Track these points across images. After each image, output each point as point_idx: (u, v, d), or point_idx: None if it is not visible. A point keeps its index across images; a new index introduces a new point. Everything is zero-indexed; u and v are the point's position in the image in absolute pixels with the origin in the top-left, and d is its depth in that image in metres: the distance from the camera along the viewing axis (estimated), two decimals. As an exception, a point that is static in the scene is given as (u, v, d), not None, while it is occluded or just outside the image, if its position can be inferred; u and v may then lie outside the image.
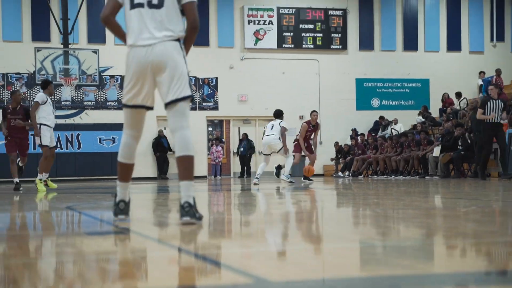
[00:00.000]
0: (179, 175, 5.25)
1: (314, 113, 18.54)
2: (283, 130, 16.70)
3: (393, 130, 27.84)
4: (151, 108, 5.43)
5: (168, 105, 5.24)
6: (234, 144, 30.68)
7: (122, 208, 5.35)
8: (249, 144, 28.81)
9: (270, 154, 17.04)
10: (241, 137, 29.50)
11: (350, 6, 31.21)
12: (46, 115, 13.96)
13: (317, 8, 30.72)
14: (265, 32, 29.50)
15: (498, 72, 28.13)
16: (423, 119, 27.57)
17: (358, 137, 28.38)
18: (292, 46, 30.40)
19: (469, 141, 21.48)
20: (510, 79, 29.84)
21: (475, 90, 30.56)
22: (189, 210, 5.03)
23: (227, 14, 29.58)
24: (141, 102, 5.30)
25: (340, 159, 28.41)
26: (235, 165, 30.44)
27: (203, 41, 28.14)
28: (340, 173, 27.47)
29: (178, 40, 5.30)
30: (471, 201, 8.50)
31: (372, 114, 30.69)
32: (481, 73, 30.60)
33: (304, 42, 30.60)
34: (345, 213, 7.53)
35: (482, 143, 16.79)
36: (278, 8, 30.13)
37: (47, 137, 13.98)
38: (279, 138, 16.63)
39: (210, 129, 30.50)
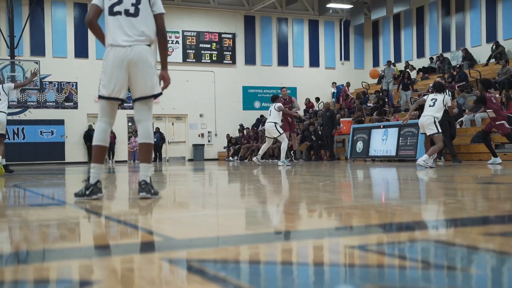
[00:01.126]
0: (139, 158, 5.06)
1: (283, 89, 17.26)
2: (279, 109, 15.40)
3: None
4: (123, 101, 4.98)
5: (139, 99, 4.99)
6: (149, 136, 30.38)
7: (100, 187, 4.84)
8: (160, 136, 28.63)
9: (272, 138, 15.85)
10: (154, 130, 29.23)
11: (238, 31, 31.38)
12: None
13: (213, 32, 30.77)
14: (173, 49, 29.25)
15: (348, 84, 28.93)
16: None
17: (244, 130, 28.62)
18: (194, 60, 30.31)
19: (320, 133, 22.22)
20: (354, 88, 30.66)
21: (329, 95, 31.33)
22: (145, 187, 4.86)
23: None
24: (116, 95, 4.88)
25: (231, 147, 28.60)
26: (150, 152, 30.12)
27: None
28: (230, 158, 27.64)
29: (149, 45, 4.98)
30: (326, 177, 8.72)
31: (255, 113, 30.95)
32: (333, 83, 31.40)
33: (203, 58, 30.61)
34: (235, 188, 7.59)
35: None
36: (183, 31, 29.98)
37: None
38: (275, 124, 15.29)
39: (130, 124, 30.04)
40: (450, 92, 16.01)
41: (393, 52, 31.58)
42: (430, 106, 11.71)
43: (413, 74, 27.19)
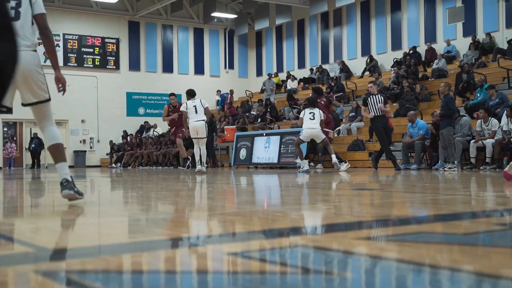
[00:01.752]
0: (54, 159, 4.87)
1: (172, 96, 16.05)
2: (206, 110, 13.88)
3: (154, 132, 27.95)
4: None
5: (31, 105, 4.78)
6: (26, 142, 29.22)
7: None
8: (39, 142, 27.51)
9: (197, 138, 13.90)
10: (32, 136, 28.14)
11: (122, 36, 30.84)
12: None
13: (96, 36, 30.01)
14: (54, 52, 28.28)
15: (231, 91, 29.24)
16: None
17: (128, 137, 28.17)
18: (76, 64, 29.41)
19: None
20: (238, 96, 31.01)
21: (214, 103, 31.43)
22: (67, 185, 4.72)
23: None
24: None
25: (114, 154, 28.03)
26: (27, 159, 28.99)
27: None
28: (113, 165, 27.10)
29: (35, 50, 4.68)
30: (211, 184, 8.75)
31: (139, 120, 30.54)
32: (218, 91, 31.57)
33: (85, 62, 29.78)
34: (117, 195, 7.44)
35: (377, 135, 14.25)
36: (64, 34, 29.03)
37: None
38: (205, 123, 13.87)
39: (5, 129, 28.70)
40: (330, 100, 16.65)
41: (275, 62, 32.23)
42: (310, 119, 12.72)
43: (294, 84, 27.93)
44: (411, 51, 23.91)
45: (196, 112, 13.67)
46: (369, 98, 13.96)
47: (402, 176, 10.59)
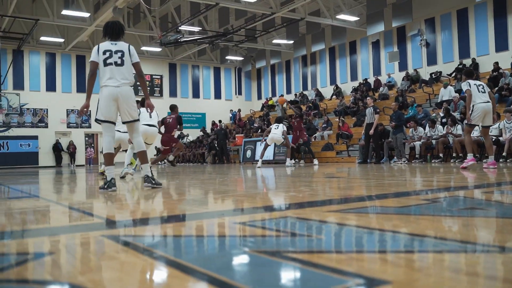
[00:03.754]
0: (141, 161, 5.22)
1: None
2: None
3: (187, 139, 27.62)
4: (113, 123, 5.01)
5: (127, 123, 5.11)
6: (100, 147, 28.96)
7: (114, 183, 4.82)
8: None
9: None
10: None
11: (164, 73, 30.76)
12: None
13: (146, 74, 29.76)
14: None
15: (239, 110, 29.26)
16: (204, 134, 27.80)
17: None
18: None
19: (215, 144, 22.07)
20: (245, 113, 30.96)
21: (228, 118, 31.36)
22: (147, 179, 5.03)
23: None
24: (109, 119, 4.95)
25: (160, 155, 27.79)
26: (101, 159, 28.72)
27: None
28: (159, 162, 26.82)
29: (131, 85, 5.00)
30: (224, 175, 8.65)
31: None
32: (231, 110, 31.50)
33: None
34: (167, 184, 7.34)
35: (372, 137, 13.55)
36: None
37: None
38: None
39: (86, 138, 28.49)
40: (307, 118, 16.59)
41: (270, 90, 32.15)
42: (275, 129, 13.21)
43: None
44: (364, 81, 23.89)
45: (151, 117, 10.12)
46: (367, 109, 13.87)
47: (365, 167, 10.57)
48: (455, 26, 20.58)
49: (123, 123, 5.10)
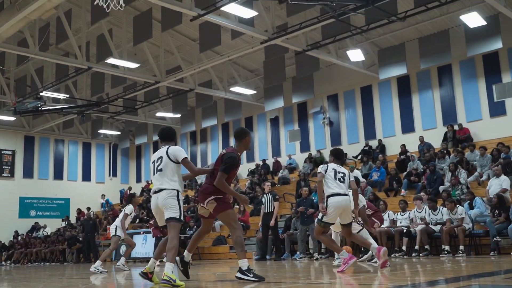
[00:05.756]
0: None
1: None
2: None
3: (44, 232, 26.02)
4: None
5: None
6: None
7: None
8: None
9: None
10: None
11: (18, 148, 29.00)
12: None
13: (-7, 148, 27.99)
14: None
15: (130, 188, 28.11)
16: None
17: (19, 237, 25.95)
18: (-28, 173, 27.01)
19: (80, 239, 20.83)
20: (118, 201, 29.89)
21: (99, 205, 29.93)
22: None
23: None
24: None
25: (4, 253, 25.51)
26: None
27: None
28: (3, 263, 24.55)
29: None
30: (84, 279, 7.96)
31: (30, 221, 28.29)
32: (103, 195, 30.26)
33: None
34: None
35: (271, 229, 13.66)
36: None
37: None
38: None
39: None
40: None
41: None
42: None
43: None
44: (262, 163, 24.49)
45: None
46: (264, 196, 14.11)
47: (264, 265, 10.37)
48: (359, 104, 22.26)
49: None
